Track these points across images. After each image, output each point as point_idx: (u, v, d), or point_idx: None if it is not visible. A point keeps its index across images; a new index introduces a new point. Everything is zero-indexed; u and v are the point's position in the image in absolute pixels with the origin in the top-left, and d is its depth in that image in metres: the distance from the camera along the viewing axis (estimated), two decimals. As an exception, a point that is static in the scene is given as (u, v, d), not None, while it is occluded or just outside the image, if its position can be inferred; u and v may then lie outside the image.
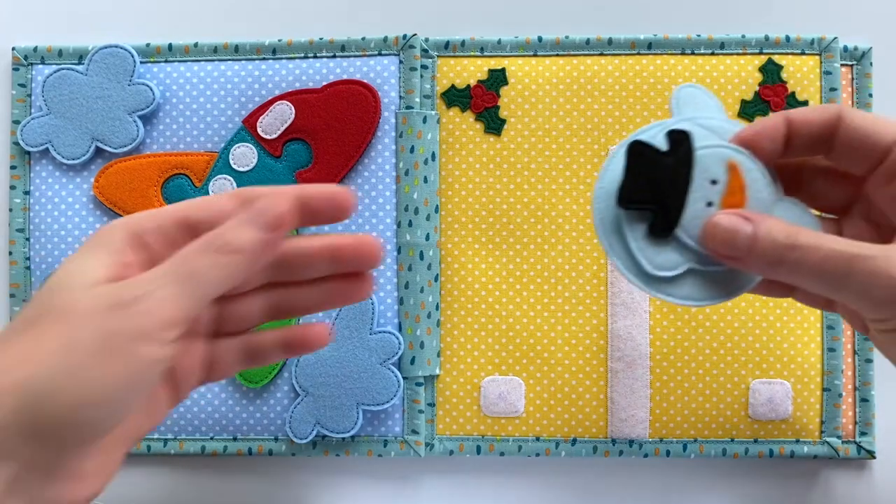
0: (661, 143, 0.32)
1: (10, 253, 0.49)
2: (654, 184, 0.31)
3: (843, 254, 0.28)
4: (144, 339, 0.26)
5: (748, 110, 0.48)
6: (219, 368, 0.33)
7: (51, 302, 0.27)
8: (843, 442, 0.47)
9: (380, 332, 0.47)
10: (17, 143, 0.49)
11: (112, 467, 0.29)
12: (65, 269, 0.28)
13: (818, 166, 0.33)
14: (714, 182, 0.32)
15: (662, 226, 0.31)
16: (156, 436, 0.49)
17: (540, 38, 0.49)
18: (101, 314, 0.26)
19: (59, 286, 0.27)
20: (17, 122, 0.49)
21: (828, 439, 0.47)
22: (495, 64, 0.49)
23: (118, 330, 0.26)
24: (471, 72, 0.49)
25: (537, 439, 0.48)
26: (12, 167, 0.49)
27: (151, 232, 0.29)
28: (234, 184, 0.48)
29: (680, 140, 0.31)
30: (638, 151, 0.31)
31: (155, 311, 0.26)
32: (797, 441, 0.47)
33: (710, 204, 0.31)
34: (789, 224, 0.30)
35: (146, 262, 0.29)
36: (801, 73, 0.48)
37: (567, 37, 0.49)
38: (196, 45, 0.49)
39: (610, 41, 0.48)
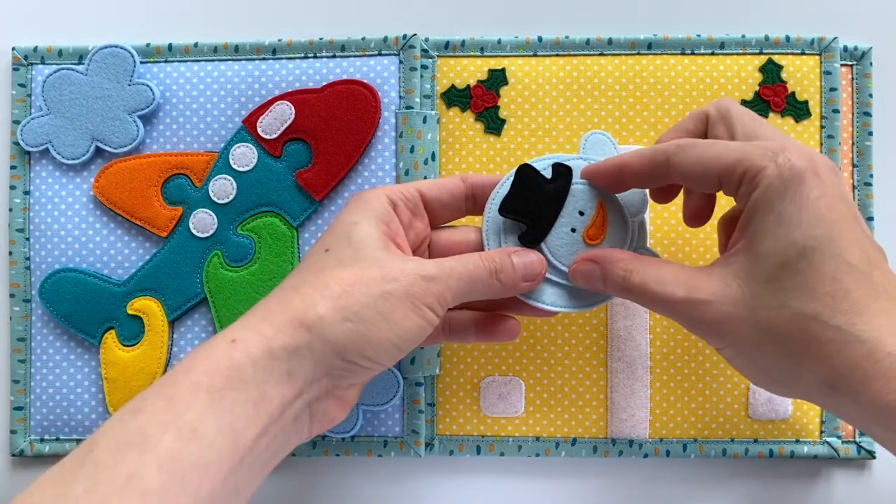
0: (550, 173, 0.39)
1: (10, 253, 0.49)
2: (531, 202, 0.39)
3: (662, 297, 0.34)
4: (433, 306, 0.35)
5: (748, 110, 0.48)
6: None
7: (361, 252, 0.35)
8: (843, 442, 0.47)
9: (380, 332, 0.47)
10: (17, 143, 0.49)
11: (352, 403, 0.38)
12: (357, 229, 0.37)
13: None
14: (581, 213, 0.39)
15: (531, 238, 0.39)
16: (156, 436, 0.49)
17: (540, 38, 0.49)
18: (410, 278, 0.35)
19: (360, 242, 0.36)
20: (17, 122, 0.49)
21: (828, 439, 0.47)
22: (495, 64, 0.49)
23: (421, 294, 0.35)
24: (471, 72, 0.49)
25: (537, 439, 0.48)
26: (12, 167, 0.49)
27: (401, 202, 0.39)
28: (234, 184, 0.48)
29: (563, 173, 0.39)
30: (525, 174, 0.39)
31: (445, 291, 0.36)
32: (797, 441, 0.47)
33: (573, 230, 0.39)
34: (629, 265, 0.36)
35: (395, 227, 0.38)
36: (801, 73, 0.48)
37: (567, 37, 0.49)
38: (196, 45, 0.50)
39: (610, 41, 0.48)
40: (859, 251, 0.32)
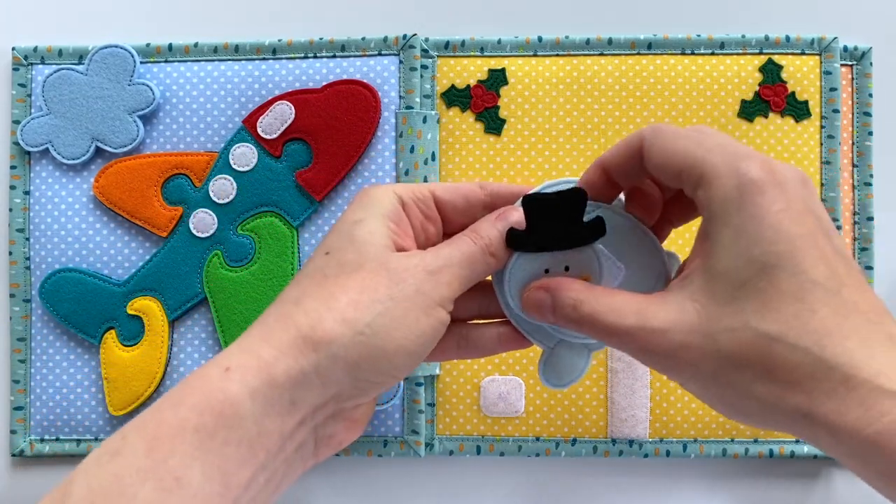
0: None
1: (10, 253, 0.49)
2: (556, 227, 0.34)
3: (613, 327, 0.30)
4: (443, 303, 0.32)
5: (748, 110, 0.48)
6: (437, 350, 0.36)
7: (365, 254, 0.32)
8: (842, 442, 0.47)
9: (380, 332, 0.47)
10: (17, 143, 0.49)
11: (363, 423, 0.35)
12: (361, 227, 0.33)
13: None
14: (567, 268, 0.34)
15: (522, 241, 0.34)
16: (156, 436, 0.49)
17: (540, 38, 0.49)
18: (418, 276, 0.31)
19: (364, 242, 0.32)
20: (17, 122, 0.49)
21: (828, 439, 0.47)
22: (495, 64, 0.49)
23: (429, 292, 0.31)
24: (471, 72, 0.49)
25: (537, 439, 0.48)
26: (12, 167, 0.49)
27: (411, 202, 0.35)
28: (235, 184, 0.48)
29: (598, 227, 0.34)
30: (575, 200, 0.33)
31: (453, 281, 0.32)
32: (797, 441, 0.47)
33: (546, 271, 0.34)
34: (580, 294, 0.32)
35: (404, 227, 0.35)
36: (801, 73, 0.48)
37: (567, 37, 0.49)
38: (196, 45, 0.49)
39: (610, 41, 0.48)
40: (825, 268, 0.28)
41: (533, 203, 0.33)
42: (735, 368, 0.29)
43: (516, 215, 0.34)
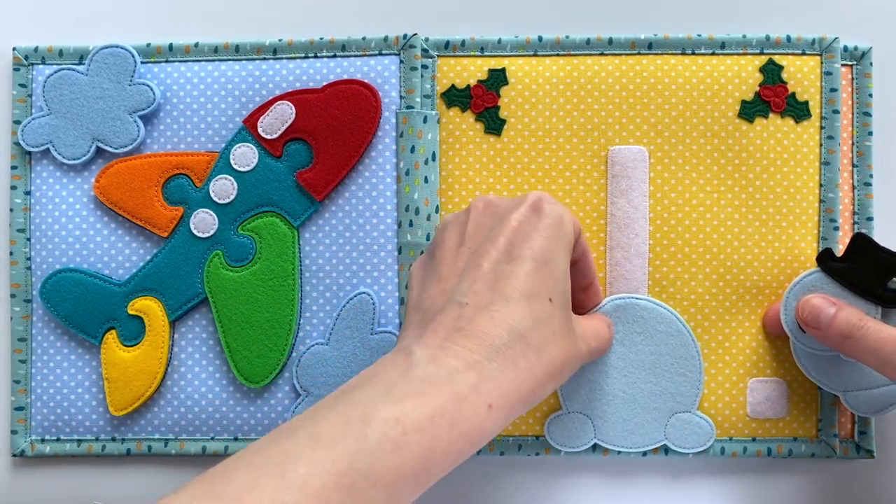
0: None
1: (11, 253, 0.49)
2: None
3: (892, 338, 0.39)
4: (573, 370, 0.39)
5: (748, 111, 0.48)
6: None
7: (569, 321, 0.38)
8: (841, 441, 0.48)
9: (381, 332, 0.47)
10: (17, 144, 0.49)
11: None
12: (567, 280, 0.38)
13: None
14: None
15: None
16: (156, 436, 0.49)
17: (540, 38, 0.49)
18: (585, 347, 0.40)
19: (567, 303, 0.38)
20: (17, 123, 0.49)
21: (826, 438, 0.47)
22: (495, 64, 0.49)
23: (582, 361, 0.40)
24: (471, 72, 0.49)
25: (537, 439, 0.48)
26: (13, 167, 0.49)
27: (579, 237, 0.41)
28: (235, 184, 0.48)
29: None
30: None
31: (585, 359, 0.40)
32: (795, 440, 0.48)
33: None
34: (863, 319, 0.41)
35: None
36: (801, 74, 0.48)
37: (567, 37, 0.49)
38: (197, 45, 0.49)
39: (610, 41, 0.48)
40: None
41: (864, 241, 0.41)
42: None
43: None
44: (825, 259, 0.43)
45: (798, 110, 0.48)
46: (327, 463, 0.29)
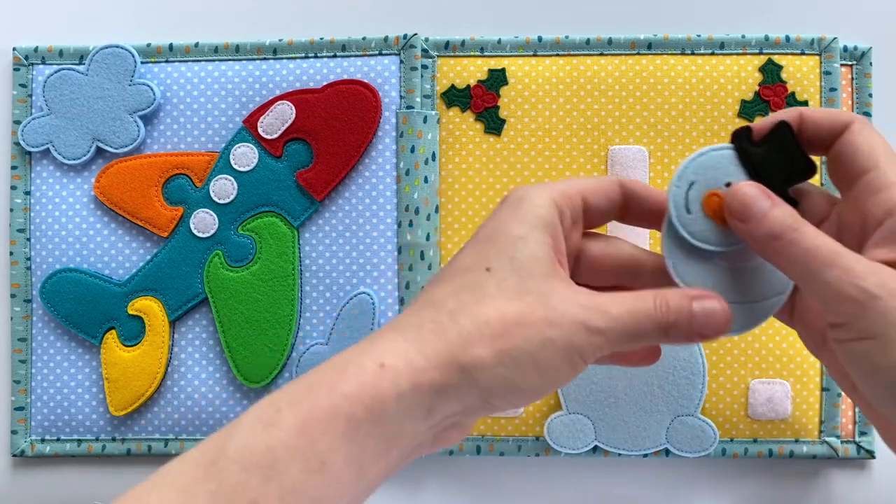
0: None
1: (11, 253, 0.49)
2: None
3: (834, 248, 0.31)
4: (586, 360, 0.31)
5: (748, 110, 0.48)
6: None
7: (526, 284, 0.32)
8: (842, 442, 0.47)
9: (380, 332, 0.47)
10: (17, 144, 0.49)
11: (470, 430, 0.36)
12: (523, 248, 0.32)
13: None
14: (728, 184, 0.34)
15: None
16: (157, 436, 0.49)
17: (540, 38, 0.49)
18: (574, 327, 0.31)
19: (526, 270, 0.32)
20: (17, 123, 0.50)
21: (827, 439, 0.47)
22: (495, 64, 0.49)
23: (579, 347, 0.31)
24: (471, 72, 0.49)
25: (537, 439, 0.48)
26: (13, 167, 0.50)
27: (567, 210, 0.34)
28: (235, 184, 0.48)
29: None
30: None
31: (602, 347, 0.31)
32: (796, 441, 0.47)
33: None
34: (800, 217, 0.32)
35: (559, 241, 0.34)
36: (800, 74, 0.48)
37: (567, 37, 0.49)
38: (197, 45, 0.50)
39: (610, 41, 0.48)
40: None
41: (787, 132, 0.34)
42: None
43: (717, 305, 0.33)
44: (741, 138, 0.34)
45: (798, 110, 0.48)
46: (197, 455, 0.29)
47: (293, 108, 0.48)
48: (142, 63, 0.49)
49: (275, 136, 0.48)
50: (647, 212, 0.36)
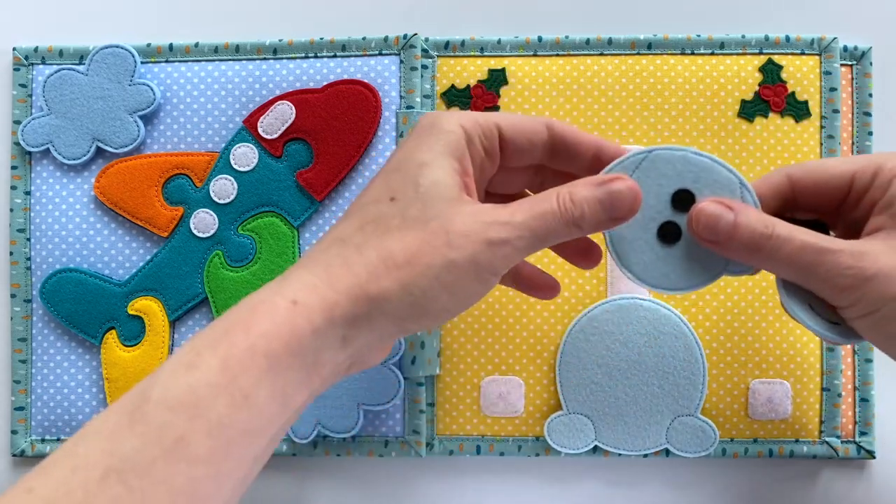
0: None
1: (11, 253, 0.49)
2: None
3: (814, 245, 0.33)
4: (497, 274, 0.33)
5: (748, 110, 0.48)
6: None
7: (428, 211, 0.32)
8: (842, 442, 0.47)
9: (380, 332, 0.47)
10: (17, 144, 0.49)
11: (389, 350, 0.40)
12: (427, 174, 0.33)
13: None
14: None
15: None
16: (157, 435, 0.49)
17: (540, 38, 0.49)
18: (476, 245, 0.32)
19: (429, 195, 0.33)
20: (17, 123, 0.50)
21: (827, 439, 0.47)
22: (495, 64, 0.49)
23: (486, 263, 0.32)
24: (471, 72, 0.49)
25: (537, 439, 0.48)
26: (13, 167, 0.50)
27: (476, 137, 0.35)
28: (235, 184, 0.48)
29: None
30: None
31: (511, 256, 0.32)
32: (797, 441, 0.47)
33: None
34: (767, 216, 0.34)
35: (466, 165, 0.34)
36: (800, 73, 0.48)
37: (567, 37, 0.49)
38: (197, 45, 0.50)
39: (610, 41, 0.48)
40: None
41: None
42: None
43: (624, 185, 0.33)
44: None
45: (798, 110, 0.48)
46: (119, 406, 0.30)
47: (293, 108, 0.48)
48: (142, 63, 0.49)
49: (275, 136, 0.48)
50: (576, 157, 0.36)
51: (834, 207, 0.36)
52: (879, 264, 0.32)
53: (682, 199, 0.35)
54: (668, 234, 0.35)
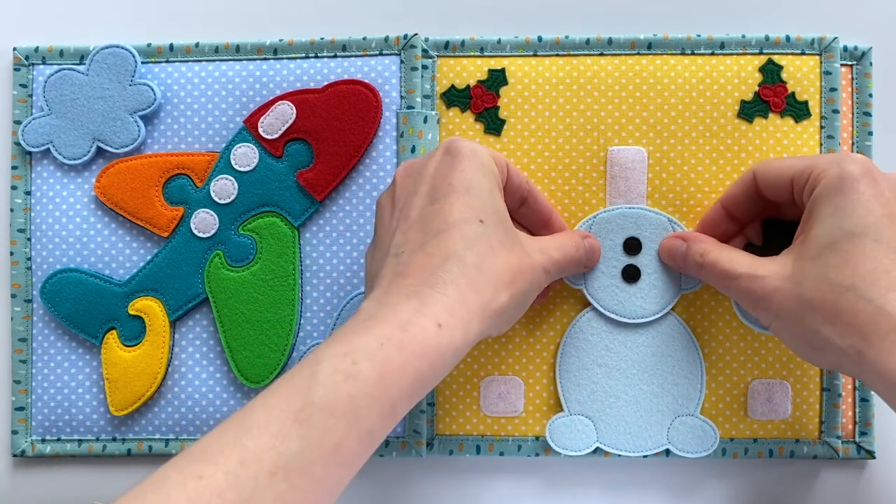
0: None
1: (12, 253, 0.49)
2: None
3: (726, 272, 0.41)
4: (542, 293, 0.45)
5: (748, 110, 0.48)
6: None
7: (509, 233, 0.39)
8: (842, 442, 0.47)
9: (380, 332, 0.47)
10: (18, 144, 0.49)
11: None
12: (496, 200, 0.39)
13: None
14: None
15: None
16: (157, 436, 0.49)
17: (540, 38, 0.49)
18: (539, 270, 0.40)
19: (505, 220, 0.39)
20: (18, 123, 0.50)
21: (827, 439, 0.47)
22: (495, 64, 0.49)
23: (540, 284, 0.41)
24: (471, 72, 0.49)
25: (537, 439, 0.48)
26: (13, 167, 0.50)
27: (503, 169, 0.42)
28: (236, 184, 0.48)
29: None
30: None
31: (546, 282, 0.42)
32: (797, 441, 0.47)
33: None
34: (708, 245, 0.43)
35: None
36: (801, 74, 0.48)
37: (567, 37, 0.49)
38: (197, 45, 0.50)
39: (610, 41, 0.48)
40: None
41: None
42: (810, 310, 0.37)
43: (596, 241, 0.46)
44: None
45: (798, 110, 0.48)
46: (282, 404, 0.31)
47: (293, 108, 0.48)
48: (142, 63, 0.49)
49: (275, 136, 0.48)
50: (534, 215, 0.45)
51: (791, 200, 0.41)
52: (767, 288, 0.39)
53: (631, 245, 0.46)
54: (630, 275, 0.46)
